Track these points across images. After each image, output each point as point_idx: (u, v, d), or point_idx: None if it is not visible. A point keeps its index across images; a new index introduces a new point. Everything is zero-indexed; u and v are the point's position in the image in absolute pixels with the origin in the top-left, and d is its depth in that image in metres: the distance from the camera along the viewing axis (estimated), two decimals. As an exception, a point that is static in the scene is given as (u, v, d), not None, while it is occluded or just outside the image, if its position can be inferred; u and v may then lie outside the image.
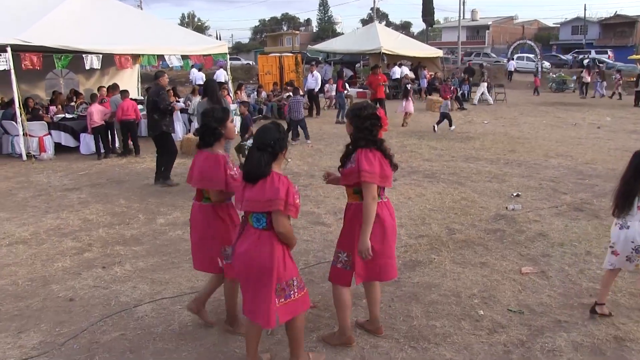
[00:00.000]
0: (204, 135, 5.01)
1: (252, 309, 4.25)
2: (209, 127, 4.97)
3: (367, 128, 4.60)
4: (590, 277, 6.34)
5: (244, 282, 4.32)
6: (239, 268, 4.30)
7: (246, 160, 4.28)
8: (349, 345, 4.86)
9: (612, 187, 10.13)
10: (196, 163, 5.04)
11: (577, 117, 22.12)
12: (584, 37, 69.40)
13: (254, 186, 4.14)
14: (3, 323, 5.48)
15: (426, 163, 12.93)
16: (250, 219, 4.23)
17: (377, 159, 4.55)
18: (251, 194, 4.14)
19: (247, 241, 4.22)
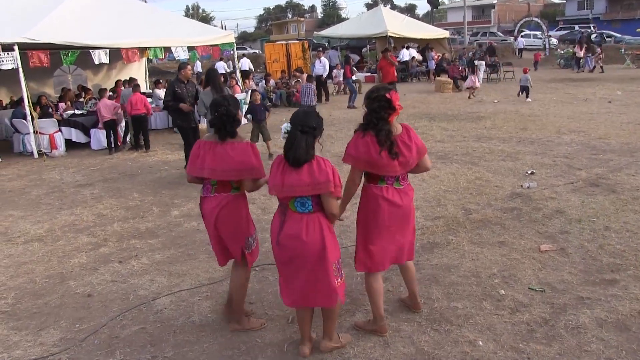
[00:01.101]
0: (225, 125, 4.73)
1: (308, 293, 4.31)
2: (230, 115, 4.74)
3: (375, 110, 4.53)
4: (610, 253, 6.27)
5: (292, 269, 4.31)
6: (286, 255, 4.28)
7: (290, 145, 4.16)
8: (382, 333, 4.80)
9: (627, 161, 10.15)
10: (219, 154, 4.70)
11: (587, 92, 21.92)
12: (591, 12, 68.70)
13: (297, 171, 4.13)
14: (22, 321, 5.48)
15: (438, 144, 12.85)
16: (293, 204, 4.24)
17: (368, 144, 4.48)
18: (295, 178, 4.13)
19: (294, 227, 4.21)
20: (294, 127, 4.20)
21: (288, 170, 4.15)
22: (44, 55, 14.08)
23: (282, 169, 4.19)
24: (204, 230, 7.73)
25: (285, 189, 4.16)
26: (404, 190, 4.70)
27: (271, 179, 4.27)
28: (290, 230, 4.23)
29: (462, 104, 20.44)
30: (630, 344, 4.48)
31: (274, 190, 4.24)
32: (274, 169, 4.26)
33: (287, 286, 4.40)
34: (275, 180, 4.21)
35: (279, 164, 4.25)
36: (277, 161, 4.27)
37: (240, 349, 4.74)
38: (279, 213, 4.37)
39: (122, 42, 15.78)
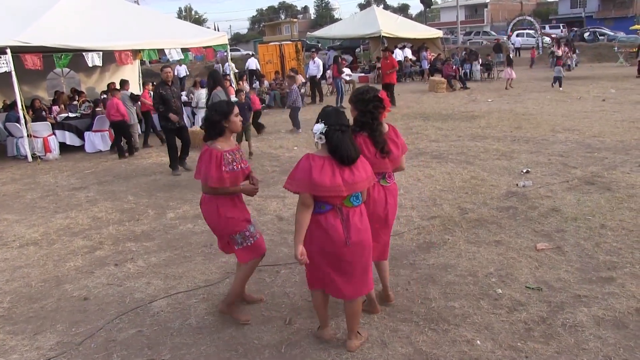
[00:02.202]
0: (207, 128, 5.05)
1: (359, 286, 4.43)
2: (212, 120, 4.97)
3: (370, 111, 4.65)
4: (606, 251, 6.28)
5: (357, 263, 4.34)
6: (355, 250, 4.28)
7: (339, 145, 4.14)
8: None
9: (621, 158, 10.16)
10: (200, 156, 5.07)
11: (581, 90, 21.96)
12: (583, 11, 68.86)
13: (352, 168, 4.20)
14: (19, 325, 5.45)
15: (433, 144, 12.86)
16: (349, 200, 4.26)
17: (361, 144, 4.61)
18: (355, 175, 4.19)
19: (359, 221, 4.30)
20: (332, 127, 4.18)
21: (341, 169, 4.15)
22: (37, 58, 14.05)
23: (333, 169, 4.14)
24: (199, 232, 7.78)
25: (349, 187, 4.15)
26: (390, 188, 4.90)
27: (328, 180, 4.11)
28: (358, 224, 4.28)
29: (456, 103, 20.47)
30: (627, 342, 4.49)
31: (336, 191, 4.12)
32: (326, 170, 4.12)
33: (349, 283, 4.39)
34: (332, 181, 4.10)
35: (330, 164, 4.15)
36: (321, 163, 4.15)
37: (238, 350, 4.73)
38: (333, 216, 4.24)
39: (115, 45, 15.73)
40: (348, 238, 4.21)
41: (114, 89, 14.57)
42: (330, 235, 4.22)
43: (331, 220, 4.22)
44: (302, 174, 4.16)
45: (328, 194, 4.13)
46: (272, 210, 8.58)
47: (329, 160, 4.17)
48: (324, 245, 4.26)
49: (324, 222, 4.23)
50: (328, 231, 4.22)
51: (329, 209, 4.23)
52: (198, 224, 8.13)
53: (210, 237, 7.52)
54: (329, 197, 4.17)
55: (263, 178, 10.56)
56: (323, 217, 4.23)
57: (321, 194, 4.14)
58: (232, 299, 5.28)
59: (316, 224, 4.25)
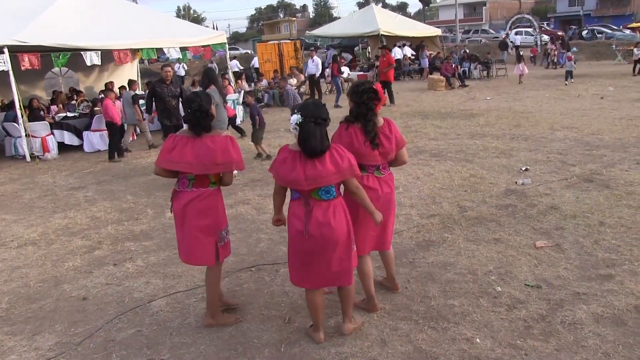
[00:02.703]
0: (200, 120, 4.79)
1: (331, 275, 4.48)
2: (203, 110, 4.79)
3: (365, 102, 4.77)
4: (605, 248, 6.27)
5: (314, 256, 4.39)
6: (314, 243, 4.32)
7: (307, 137, 4.19)
8: (374, 311, 5.05)
9: (620, 156, 10.16)
10: (197, 149, 4.73)
11: (579, 88, 21.97)
12: (582, 9, 68.86)
13: (319, 161, 4.22)
14: (17, 326, 5.45)
15: (432, 142, 12.86)
16: (317, 194, 4.31)
17: (351, 134, 4.76)
18: (320, 169, 4.20)
19: (323, 215, 4.31)
20: (307, 119, 4.23)
21: (308, 162, 4.21)
22: (35, 57, 14.03)
23: (300, 161, 4.23)
24: (198, 231, 7.74)
25: (311, 181, 4.20)
26: (385, 179, 4.98)
27: (287, 174, 4.28)
28: (320, 218, 4.30)
29: (455, 101, 20.47)
30: (626, 339, 4.49)
31: (295, 185, 4.27)
32: (288, 163, 4.27)
33: (307, 273, 4.48)
34: (295, 175, 4.23)
35: (293, 157, 4.27)
36: (288, 155, 4.31)
37: (237, 350, 4.72)
38: (300, 204, 4.37)
39: (114, 44, 15.70)
40: (306, 229, 4.30)
41: (108, 90, 14.55)
42: (292, 222, 4.43)
43: (296, 209, 4.41)
44: (274, 164, 4.45)
45: (286, 185, 4.42)
46: (270, 209, 8.54)
47: (294, 154, 4.28)
48: (290, 232, 4.47)
49: (291, 210, 4.46)
50: (291, 218, 4.45)
51: (297, 197, 4.40)
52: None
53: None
54: (290, 187, 4.39)
55: (262, 177, 10.55)
56: (292, 204, 4.45)
57: (283, 185, 4.45)
58: (214, 308, 5.16)
59: (289, 211, 4.50)
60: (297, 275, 4.56)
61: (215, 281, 5.09)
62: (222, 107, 10.18)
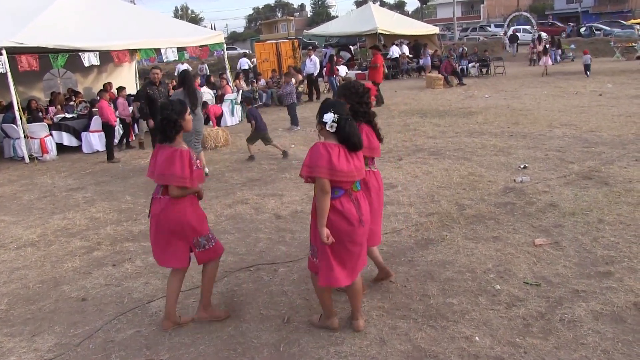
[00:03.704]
0: (165, 129, 4.82)
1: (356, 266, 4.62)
2: (170, 120, 4.81)
3: (366, 102, 5.03)
4: (604, 245, 6.27)
5: (364, 243, 4.61)
6: (365, 231, 4.57)
7: (351, 133, 4.34)
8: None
9: (619, 153, 10.16)
10: (158, 158, 4.85)
11: (578, 85, 21.96)
12: (580, 6, 68.85)
13: (357, 154, 4.44)
14: (17, 327, 5.44)
15: (430, 140, 12.85)
16: (356, 185, 4.54)
17: (365, 132, 4.95)
18: (359, 162, 4.43)
19: (365, 204, 4.58)
20: (342, 116, 4.35)
21: (350, 155, 4.36)
22: (33, 59, 14.01)
23: (345, 155, 4.34)
24: (197, 231, 7.74)
25: (358, 172, 4.42)
26: (377, 172, 5.30)
27: (344, 165, 4.31)
28: (366, 207, 4.58)
29: (453, 99, 20.46)
30: (625, 336, 4.49)
31: (351, 176, 4.36)
32: (333, 157, 4.27)
33: (353, 265, 4.58)
34: (349, 167, 4.33)
35: (335, 151, 4.31)
36: (337, 150, 4.33)
37: (237, 350, 4.72)
38: (347, 200, 4.45)
39: (112, 44, 15.69)
40: (361, 219, 4.46)
41: (103, 91, 14.57)
42: (346, 218, 4.41)
43: (346, 204, 4.43)
44: (321, 161, 4.27)
45: (346, 179, 4.34)
46: (269, 208, 8.56)
47: (342, 147, 4.36)
48: (339, 228, 4.40)
49: (340, 206, 4.41)
50: (344, 214, 4.41)
51: (342, 194, 4.43)
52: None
53: (208, 236, 7.52)
54: (344, 182, 4.37)
55: (261, 176, 10.56)
56: (338, 201, 4.41)
57: (340, 179, 4.33)
58: (207, 302, 5.22)
59: (332, 209, 4.38)
60: (344, 274, 4.54)
61: (210, 278, 5.17)
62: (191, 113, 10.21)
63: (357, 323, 4.85)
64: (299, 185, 9.56)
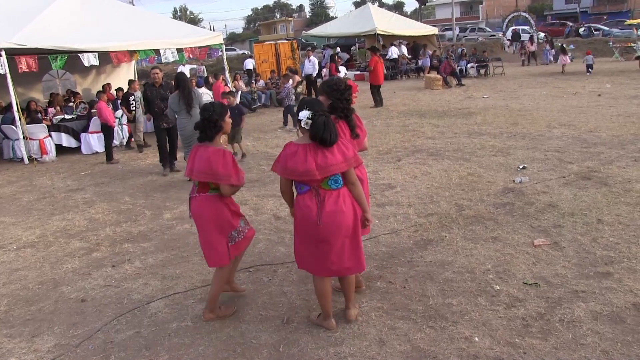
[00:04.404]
0: (206, 129, 5.05)
1: (348, 264, 4.70)
2: (212, 120, 5.03)
3: (347, 99, 5.14)
4: (603, 246, 6.28)
5: (331, 243, 4.58)
6: (327, 232, 4.53)
7: (322, 129, 4.41)
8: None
9: (618, 153, 10.17)
10: (198, 156, 5.02)
11: (576, 85, 21.97)
12: (578, 6, 68.91)
13: (329, 151, 4.46)
14: (16, 328, 5.44)
15: (429, 141, 12.86)
16: (326, 183, 4.53)
17: (341, 128, 5.03)
18: (330, 158, 4.44)
19: (334, 203, 4.53)
20: (317, 113, 4.47)
21: (319, 153, 4.43)
22: (32, 60, 14.01)
23: (311, 153, 4.43)
24: (196, 232, 7.72)
25: (322, 170, 4.42)
26: (361, 169, 5.27)
27: (299, 166, 4.44)
28: (332, 207, 4.52)
29: (452, 100, 20.47)
30: (625, 336, 4.49)
31: (308, 175, 4.43)
32: (299, 156, 4.44)
33: (318, 261, 4.67)
34: (307, 166, 4.41)
35: (304, 150, 4.46)
36: (298, 149, 4.49)
37: (236, 350, 4.72)
38: (311, 196, 4.55)
39: (111, 45, 15.68)
40: (320, 219, 4.49)
41: (99, 91, 14.59)
42: (303, 213, 4.58)
43: (307, 202, 4.55)
44: (280, 160, 4.60)
45: (300, 178, 4.51)
46: (268, 209, 8.57)
47: (305, 147, 4.47)
48: (302, 224, 4.63)
49: (302, 203, 4.60)
50: (303, 210, 4.58)
51: (306, 190, 4.58)
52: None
53: (207, 237, 7.52)
54: (305, 180, 4.51)
55: (259, 177, 10.56)
56: (301, 197, 4.61)
57: (295, 178, 4.56)
58: (214, 304, 5.30)
59: (297, 204, 4.67)
60: (305, 261, 4.77)
61: (223, 278, 5.26)
62: (184, 114, 10.17)
63: (348, 312, 5.01)
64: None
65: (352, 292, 5.01)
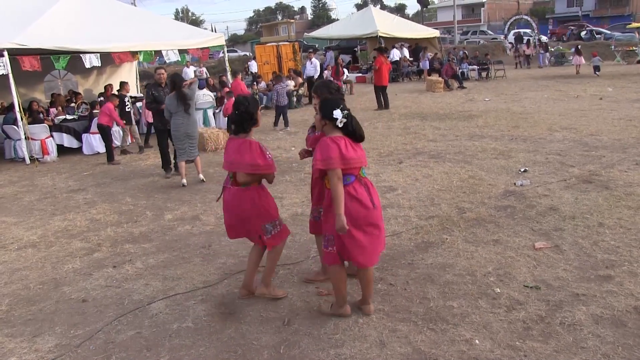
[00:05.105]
0: (242, 122, 5.30)
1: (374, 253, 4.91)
2: (248, 113, 5.29)
3: (342, 98, 5.33)
4: (604, 249, 6.28)
5: (381, 225, 4.90)
6: (379, 214, 4.86)
7: (357, 126, 4.78)
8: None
9: (619, 157, 10.17)
10: (231, 148, 5.32)
11: (578, 89, 21.98)
12: (580, 9, 68.93)
13: (360, 145, 4.84)
14: (17, 328, 5.45)
15: (431, 144, 12.86)
16: (362, 171, 4.85)
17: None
18: (362, 150, 4.82)
19: (373, 189, 4.88)
20: (348, 112, 4.76)
21: (355, 145, 4.75)
22: (35, 59, 14.03)
23: (351, 145, 4.71)
24: (197, 233, 7.78)
25: (363, 159, 4.79)
26: None
27: (354, 155, 4.69)
28: (375, 191, 4.89)
29: (454, 102, 20.48)
30: (626, 340, 4.49)
31: (363, 160, 4.79)
32: (349, 146, 4.68)
33: (374, 247, 4.87)
34: (359, 154, 4.75)
35: (342, 142, 4.66)
36: (344, 141, 4.68)
37: (237, 352, 4.72)
38: (358, 185, 4.76)
39: (113, 46, 15.71)
40: (374, 202, 4.77)
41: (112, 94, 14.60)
42: (361, 202, 4.71)
43: (359, 189, 4.74)
44: (333, 153, 4.61)
45: (355, 165, 4.71)
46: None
47: (343, 139, 4.70)
48: (356, 213, 4.69)
49: (354, 192, 4.71)
50: (358, 198, 4.71)
51: (353, 180, 4.74)
52: (196, 225, 8.13)
53: (208, 239, 7.54)
54: (354, 168, 4.72)
55: (261, 179, 10.55)
56: (351, 187, 4.72)
57: (352, 165, 4.69)
58: (269, 280, 5.58)
59: (348, 195, 4.69)
60: (368, 256, 4.86)
61: (274, 257, 5.56)
62: (182, 114, 10.13)
63: (367, 307, 5.16)
64: (299, 188, 9.57)
65: (371, 287, 5.17)
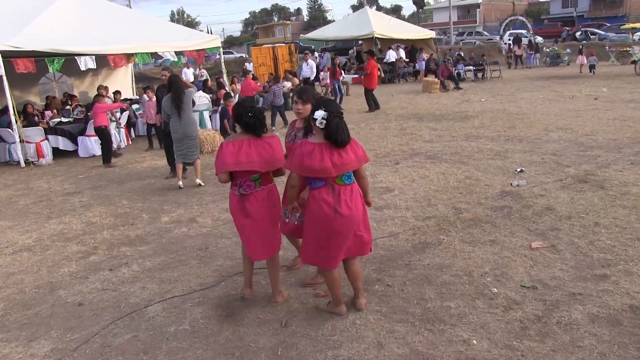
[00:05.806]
0: (260, 123, 5.23)
1: (353, 247, 5.03)
2: (262, 113, 5.32)
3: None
4: (600, 248, 6.29)
5: (344, 234, 4.83)
6: (344, 222, 4.75)
7: (337, 130, 4.63)
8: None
9: (614, 156, 10.19)
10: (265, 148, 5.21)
11: (573, 89, 22.01)
12: (575, 10, 69.05)
13: (344, 150, 4.71)
14: (13, 332, 5.43)
15: (427, 144, 12.87)
16: (341, 179, 4.76)
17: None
18: (345, 157, 4.70)
19: (348, 196, 4.79)
20: (332, 114, 4.64)
21: (334, 152, 4.66)
22: (29, 61, 13.98)
23: (327, 151, 4.65)
24: (194, 235, 7.76)
25: (338, 169, 4.66)
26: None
27: (316, 164, 4.63)
28: (347, 200, 4.77)
29: (450, 103, 20.49)
30: (622, 338, 4.49)
31: (325, 173, 4.64)
32: (316, 154, 4.63)
33: (331, 253, 4.87)
34: (324, 164, 4.62)
35: (320, 149, 4.65)
36: (314, 148, 4.67)
37: (234, 354, 4.71)
38: (327, 191, 4.75)
39: (108, 48, 15.67)
40: (337, 210, 4.71)
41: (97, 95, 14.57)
42: (319, 207, 4.75)
43: (324, 195, 4.74)
44: (296, 158, 4.76)
45: (317, 175, 4.70)
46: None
47: (320, 146, 4.67)
48: (318, 217, 4.77)
49: (318, 197, 4.76)
50: (317, 203, 4.76)
51: (322, 185, 4.76)
52: (193, 228, 8.12)
53: (205, 241, 7.53)
54: (320, 177, 4.71)
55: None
56: (317, 191, 4.78)
57: (308, 175, 4.73)
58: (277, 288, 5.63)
59: (312, 198, 4.81)
60: (318, 257, 4.96)
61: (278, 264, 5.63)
62: (177, 117, 10.10)
63: (359, 302, 5.25)
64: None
65: (360, 282, 5.25)
